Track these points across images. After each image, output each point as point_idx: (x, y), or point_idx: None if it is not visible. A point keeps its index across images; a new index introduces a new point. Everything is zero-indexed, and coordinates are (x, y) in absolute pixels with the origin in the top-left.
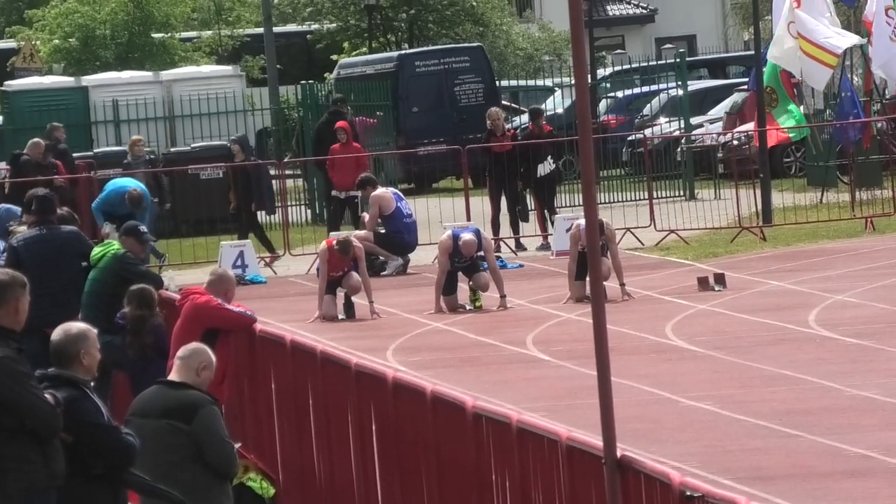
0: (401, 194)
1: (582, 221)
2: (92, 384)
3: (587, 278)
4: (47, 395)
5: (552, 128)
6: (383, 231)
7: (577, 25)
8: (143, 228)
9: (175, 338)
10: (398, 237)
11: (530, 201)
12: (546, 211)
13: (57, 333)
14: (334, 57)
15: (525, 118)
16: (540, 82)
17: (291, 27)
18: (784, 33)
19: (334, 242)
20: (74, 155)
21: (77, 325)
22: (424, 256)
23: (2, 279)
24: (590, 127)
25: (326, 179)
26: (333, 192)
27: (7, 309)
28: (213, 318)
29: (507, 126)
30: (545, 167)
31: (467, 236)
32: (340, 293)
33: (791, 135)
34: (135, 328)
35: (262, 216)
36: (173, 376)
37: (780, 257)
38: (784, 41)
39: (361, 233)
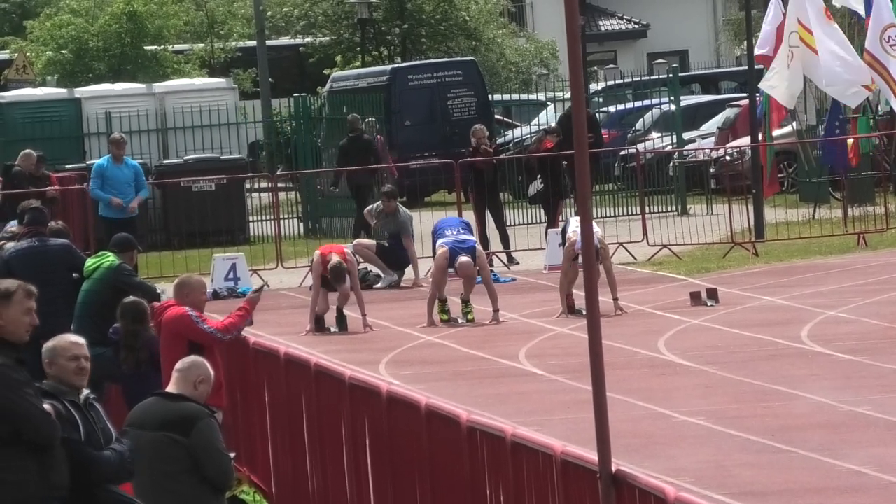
0: None
1: (575, 237)
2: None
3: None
4: (46, 406)
5: (553, 143)
6: (387, 244)
7: (574, 41)
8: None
9: (161, 351)
10: (400, 253)
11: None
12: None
13: None
14: (327, 70)
15: (518, 132)
16: (532, 96)
17: (284, 40)
18: (783, 63)
19: (328, 268)
20: (67, 167)
21: None
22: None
23: (7, 287)
24: (586, 142)
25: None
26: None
27: (9, 318)
28: (188, 333)
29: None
30: (534, 187)
31: (464, 259)
32: (333, 307)
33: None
34: (129, 343)
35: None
36: (171, 388)
37: (772, 273)
38: (781, 70)
39: (365, 241)
